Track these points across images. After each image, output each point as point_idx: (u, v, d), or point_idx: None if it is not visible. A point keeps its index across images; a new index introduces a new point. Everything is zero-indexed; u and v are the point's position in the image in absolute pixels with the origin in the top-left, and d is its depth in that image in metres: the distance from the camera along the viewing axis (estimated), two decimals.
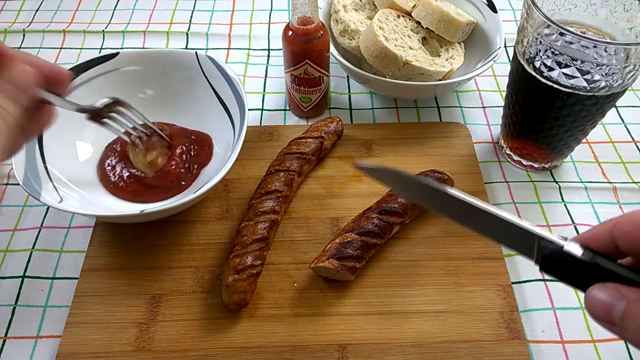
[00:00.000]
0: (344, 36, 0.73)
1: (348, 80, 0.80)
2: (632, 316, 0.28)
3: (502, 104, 0.67)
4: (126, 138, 0.58)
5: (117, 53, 0.66)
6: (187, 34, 0.87)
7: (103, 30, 0.87)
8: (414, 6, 0.73)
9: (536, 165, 0.66)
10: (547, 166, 0.66)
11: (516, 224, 0.34)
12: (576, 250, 0.32)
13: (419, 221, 0.60)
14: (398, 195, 0.58)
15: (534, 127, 0.61)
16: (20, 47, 0.85)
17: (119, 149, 0.64)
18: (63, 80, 0.44)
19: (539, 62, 0.54)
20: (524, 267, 0.58)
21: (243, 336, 0.52)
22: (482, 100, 0.77)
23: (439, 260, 0.57)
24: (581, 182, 0.66)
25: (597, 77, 0.52)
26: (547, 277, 0.57)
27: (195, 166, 0.63)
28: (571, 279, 0.32)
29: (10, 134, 0.38)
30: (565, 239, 0.33)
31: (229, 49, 0.85)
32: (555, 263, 0.33)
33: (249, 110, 0.74)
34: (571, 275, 0.32)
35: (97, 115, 0.52)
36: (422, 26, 0.72)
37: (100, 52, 0.78)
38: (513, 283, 0.56)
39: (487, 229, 0.35)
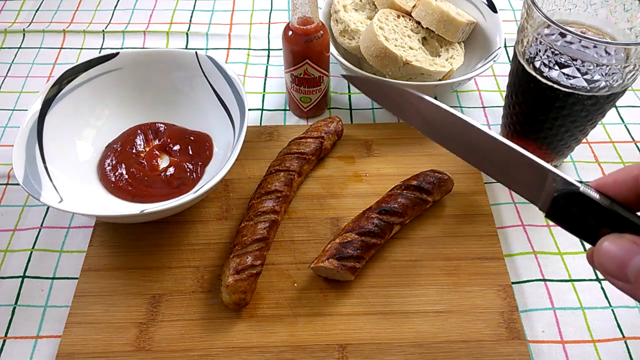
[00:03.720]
0: (344, 36, 0.73)
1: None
2: None
3: (502, 104, 0.67)
4: None
5: (117, 53, 0.66)
6: (187, 34, 0.87)
7: (103, 30, 0.87)
8: (414, 6, 0.73)
9: None
10: None
11: (528, 157, 0.30)
12: (593, 193, 0.29)
13: (419, 221, 0.60)
14: (398, 195, 0.58)
15: (534, 127, 0.61)
16: (20, 47, 0.85)
17: (119, 149, 0.64)
18: None
19: (539, 62, 0.54)
20: (524, 267, 0.58)
21: (243, 336, 0.52)
22: (482, 100, 0.77)
23: (439, 260, 0.57)
24: (581, 182, 0.66)
25: (597, 77, 0.52)
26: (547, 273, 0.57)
27: (199, 165, 0.64)
28: (582, 226, 0.29)
29: None
30: (580, 182, 0.29)
31: (229, 49, 0.85)
32: (566, 207, 0.29)
33: (249, 110, 0.74)
34: (583, 222, 0.29)
35: None
36: (422, 26, 0.72)
37: (100, 52, 0.79)
38: (513, 283, 0.56)
39: (490, 161, 0.31)
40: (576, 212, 0.29)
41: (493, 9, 0.74)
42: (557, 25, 0.49)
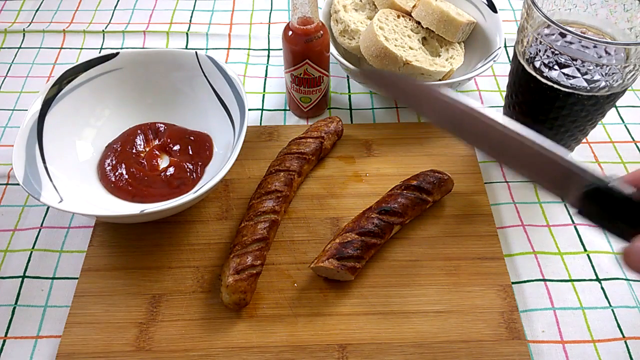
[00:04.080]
0: (344, 36, 0.73)
1: (348, 80, 0.80)
2: None
3: (502, 104, 0.67)
4: None
5: (117, 53, 0.66)
6: (187, 34, 0.87)
7: (103, 30, 0.87)
8: (414, 6, 0.73)
9: None
10: None
11: (554, 153, 0.29)
12: (624, 187, 0.28)
13: (419, 221, 0.60)
14: (398, 195, 0.58)
15: (534, 127, 0.60)
16: (20, 47, 0.85)
17: (119, 149, 0.64)
18: None
19: (539, 62, 0.54)
20: (524, 267, 0.58)
21: (243, 336, 0.52)
22: (482, 100, 0.77)
23: (439, 260, 0.57)
24: (611, 177, 0.66)
25: (597, 77, 0.52)
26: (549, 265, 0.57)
27: (199, 165, 0.64)
28: (614, 223, 0.28)
29: None
30: (611, 177, 0.29)
31: (229, 49, 0.85)
32: (597, 203, 0.29)
33: (249, 110, 0.74)
34: (614, 218, 0.28)
35: None
36: (422, 26, 0.72)
37: (100, 52, 0.79)
38: (513, 283, 0.56)
39: (515, 159, 0.30)
40: (607, 208, 0.28)
41: (493, 9, 0.74)
42: (557, 25, 0.49)
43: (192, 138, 0.66)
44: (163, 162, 0.65)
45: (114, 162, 0.63)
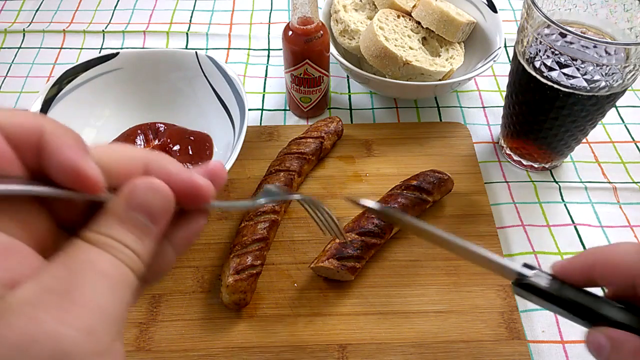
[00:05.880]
0: (344, 36, 0.73)
1: (348, 80, 0.80)
2: None
3: (502, 104, 0.67)
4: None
5: (117, 53, 0.66)
6: (187, 34, 0.87)
7: (103, 30, 0.87)
8: (414, 6, 0.73)
9: (536, 165, 0.66)
10: (547, 166, 0.66)
11: (494, 260, 0.35)
12: (542, 282, 0.33)
13: None
14: (398, 195, 0.58)
15: (534, 127, 0.61)
16: (20, 47, 0.85)
17: None
18: (201, 198, 0.28)
19: (539, 62, 0.54)
20: None
21: (243, 336, 0.52)
22: (482, 100, 0.77)
23: (439, 260, 0.57)
24: (581, 182, 0.66)
25: (597, 77, 0.52)
26: None
27: (199, 165, 0.64)
28: (545, 305, 0.34)
29: (136, 283, 0.25)
30: (531, 268, 0.34)
31: (229, 49, 0.85)
32: (528, 292, 0.34)
33: (249, 110, 0.74)
34: (543, 302, 0.34)
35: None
36: (422, 26, 0.72)
37: (100, 52, 0.79)
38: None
39: (472, 259, 0.37)
40: (537, 300, 0.33)
41: (493, 9, 0.74)
42: (557, 25, 0.49)
43: (192, 138, 0.66)
44: None
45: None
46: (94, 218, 0.25)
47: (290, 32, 0.63)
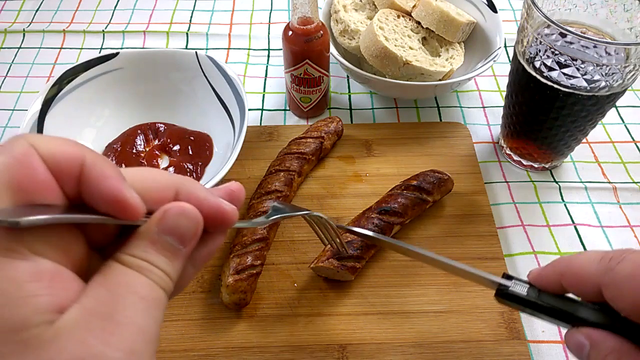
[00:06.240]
0: (344, 36, 0.73)
1: (348, 80, 0.80)
2: None
3: (502, 104, 0.67)
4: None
5: (117, 53, 0.66)
6: (187, 34, 0.87)
7: (103, 30, 0.87)
8: (414, 6, 0.73)
9: (536, 165, 0.66)
10: (547, 166, 0.66)
11: (474, 273, 0.37)
12: (520, 290, 0.35)
13: (419, 221, 0.60)
14: (398, 195, 0.58)
15: (534, 127, 0.61)
16: (20, 47, 0.85)
17: (119, 149, 0.64)
18: (226, 223, 0.30)
19: (539, 62, 0.54)
20: (524, 267, 0.58)
21: (243, 336, 0.52)
22: (482, 100, 0.77)
23: None
24: (581, 182, 0.66)
25: (597, 77, 0.52)
26: None
27: (199, 165, 0.64)
28: (526, 311, 0.36)
29: (166, 302, 0.27)
30: (510, 278, 0.36)
31: (229, 49, 0.85)
32: (509, 301, 0.36)
33: (249, 110, 0.74)
34: (524, 309, 0.36)
35: None
36: (422, 26, 0.72)
37: (100, 52, 0.78)
38: None
39: (455, 273, 0.39)
40: (519, 307, 0.36)
41: (493, 9, 0.74)
42: (557, 25, 0.49)
43: (192, 138, 0.66)
44: (163, 162, 0.65)
45: (114, 162, 0.63)
46: (128, 241, 0.27)
47: (290, 32, 0.63)
